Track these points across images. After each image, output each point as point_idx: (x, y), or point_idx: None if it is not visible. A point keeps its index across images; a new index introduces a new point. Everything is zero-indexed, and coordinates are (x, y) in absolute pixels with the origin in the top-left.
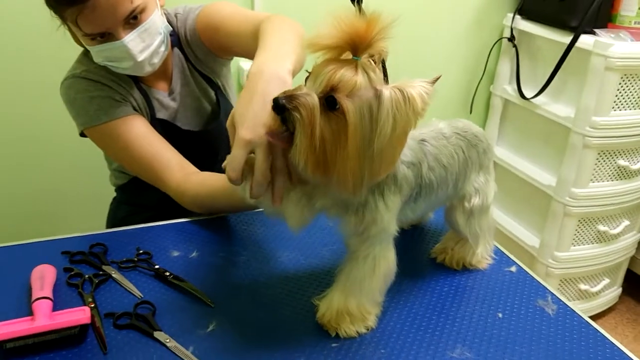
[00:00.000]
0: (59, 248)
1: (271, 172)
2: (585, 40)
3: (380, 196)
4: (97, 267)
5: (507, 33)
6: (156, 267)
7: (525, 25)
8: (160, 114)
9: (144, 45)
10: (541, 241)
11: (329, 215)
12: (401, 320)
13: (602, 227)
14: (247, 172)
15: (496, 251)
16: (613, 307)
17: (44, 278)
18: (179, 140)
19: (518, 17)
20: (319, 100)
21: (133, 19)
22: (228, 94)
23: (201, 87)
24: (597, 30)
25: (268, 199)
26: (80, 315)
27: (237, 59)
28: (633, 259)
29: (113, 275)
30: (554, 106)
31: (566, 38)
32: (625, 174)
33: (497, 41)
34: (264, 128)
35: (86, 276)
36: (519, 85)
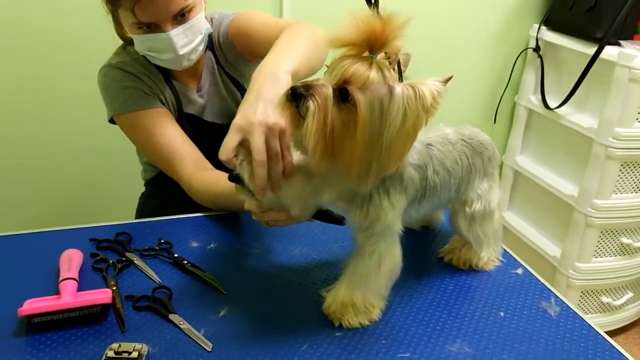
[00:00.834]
0: (88, 235)
1: (267, 160)
2: (609, 51)
3: (385, 194)
4: (121, 254)
5: (533, 43)
6: (175, 256)
7: (550, 36)
8: (187, 109)
9: (187, 40)
10: (562, 251)
11: (337, 208)
12: (404, 314)
13: (626, 240)
14: (245, 157)
15: (504, 254)
16: (637, 322)
17: (72, 261)
18: (205, 132)
19: (544, 28)
20: (333, 91)
21: (181, 16)
22: None
23: (228, 89)
24: (623, 41)
25: (267, 187)
26: (102, 295)
27: None
28: None
29: (135, 261)
30: (578, 117)
31: (591, 49)
32: None
33: (523, 51)
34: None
35: (110, 261)
36: (544, 95)
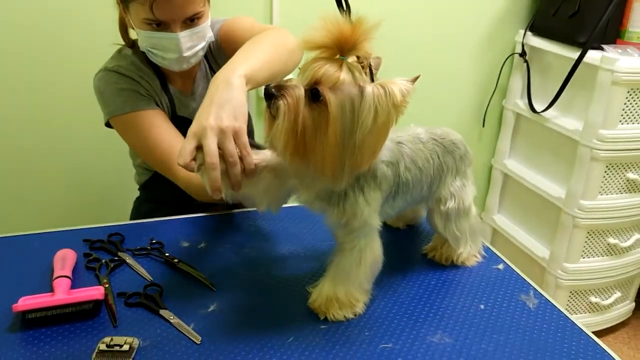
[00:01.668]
0: (81, 236)
1: (224, 161)
2: (593, 55)
3: (360, 191)
4: (113, 254)
5: (519, 49)
6: (166, 255)
7: (536, 41)
8: (181, 112)
9: (192, 44)
10: (551, 253)
11: (313, 208)
12: (387, 308)
13: (612, 240)
14: (202, 161)
15: (486, 250)
16: (626, 322)
17: (65, 260)
18: None
19: (529, 34)
20: (305, 91)
21: (191, 21)
22: None
23: None
24: (606, 46)
25: (227, 186)
26: (95, 292)
27: None
28: None
29: (127, 260)
30: (563, 120)
31: (575, 54)
32: (634, 187)
33: (509, 57)
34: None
35: (103, 261)
36: (530, 99)
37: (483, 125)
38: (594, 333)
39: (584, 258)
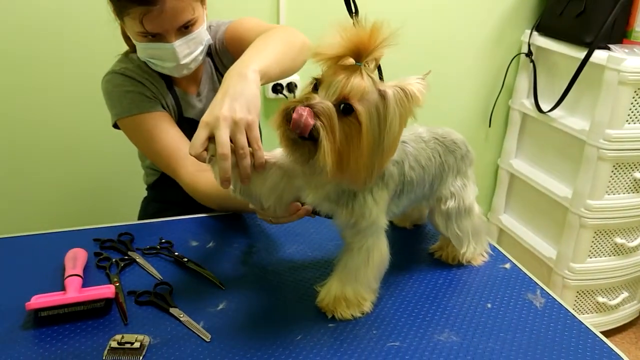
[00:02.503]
0: (91, 236)
1: (234, 154)
2: (599, 55)
3: (368, 191)
4: (124, 253)
5: (525, 49)
6: (176, 254)
7: (542, 41)
8: (187, 114)
9: (189, 51)
10: (558, 252)
11: (321, 209)
12: (395, 306)
13: (619, 240)
14: (213, 152)
15: (493, 249)
16: (634, 322)
17: (77, 259)
18: None
19: (535, 34)
20: (335, 107)
21: (185, 28)
22: None
23: None
24: (612, 45)
25: (236, 178)
26: (105, 290)
27: None
28: None
29: (137, 260)
30: (570, 119)
31: (581, 53)
32: None
33: (515, 56)
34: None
35: (113, 260)
36: (536, 99)
37: (489, 125)
38: (601, 333)
39: (591, 258)
